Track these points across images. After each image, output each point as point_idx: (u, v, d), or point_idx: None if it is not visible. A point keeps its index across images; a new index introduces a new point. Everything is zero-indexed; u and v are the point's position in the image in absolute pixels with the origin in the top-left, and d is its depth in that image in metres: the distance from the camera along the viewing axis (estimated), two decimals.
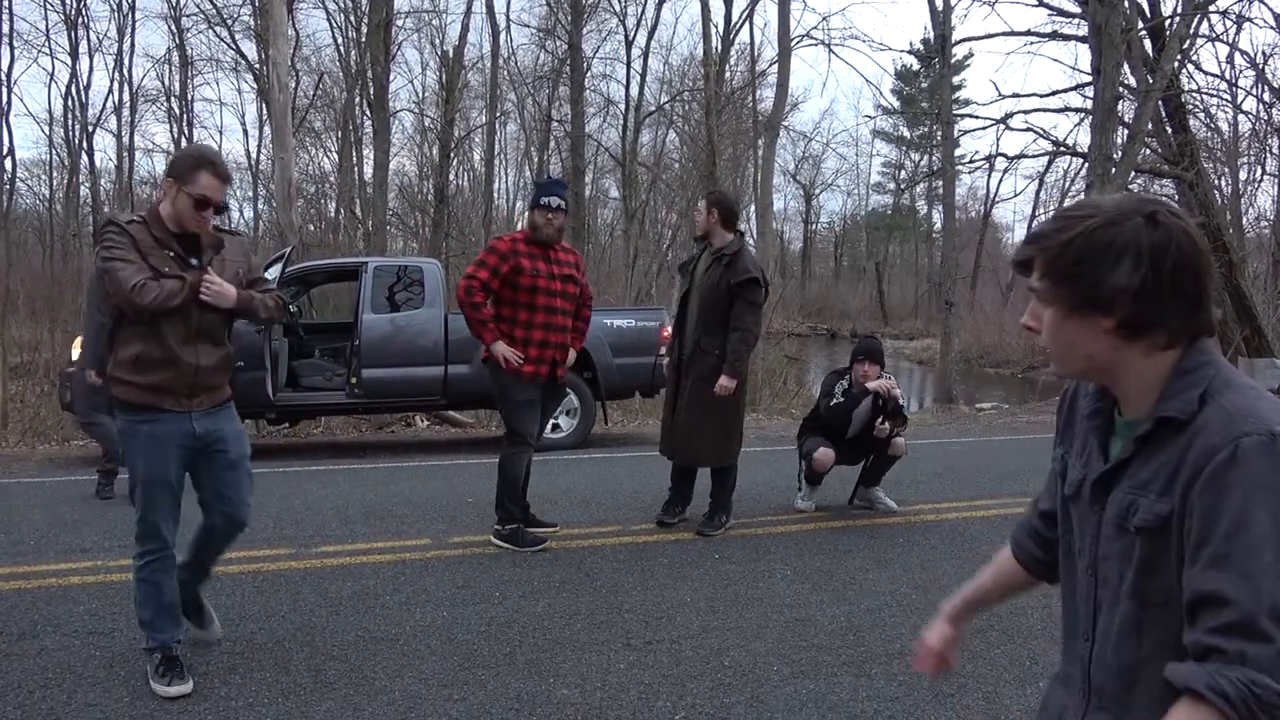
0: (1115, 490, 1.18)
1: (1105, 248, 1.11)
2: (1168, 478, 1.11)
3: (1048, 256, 1.15)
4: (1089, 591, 1.24)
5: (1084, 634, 1.25)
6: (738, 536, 5.17)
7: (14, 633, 3.71)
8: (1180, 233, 1.11)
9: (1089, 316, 1.13)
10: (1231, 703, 0.97)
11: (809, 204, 47.31)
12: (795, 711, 3.07)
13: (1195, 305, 1.12)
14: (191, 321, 3.03)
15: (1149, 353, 1.14)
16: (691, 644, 3.63)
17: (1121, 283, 1.10)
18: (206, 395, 3.12)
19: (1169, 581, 1.11)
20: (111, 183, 25.99)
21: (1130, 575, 1.15)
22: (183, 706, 3.08)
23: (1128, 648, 1.17)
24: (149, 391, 3.00)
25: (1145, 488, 1.13)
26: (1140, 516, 1.13)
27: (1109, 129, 13.84)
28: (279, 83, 11.83)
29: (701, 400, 5.03)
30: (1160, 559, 1.12)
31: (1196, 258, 1.11)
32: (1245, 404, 1.08)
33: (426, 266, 8.86)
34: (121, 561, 4.66)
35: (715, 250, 5.09)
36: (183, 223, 2.98)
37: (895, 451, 5.47)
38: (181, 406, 3.06)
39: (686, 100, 26.48)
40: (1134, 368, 1.15)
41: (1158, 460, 1.13)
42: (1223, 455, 1.05)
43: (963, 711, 3.09)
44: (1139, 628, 1.16)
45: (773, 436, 9.26)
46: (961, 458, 7.85)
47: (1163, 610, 1.13)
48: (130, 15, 23.60)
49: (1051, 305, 1.17)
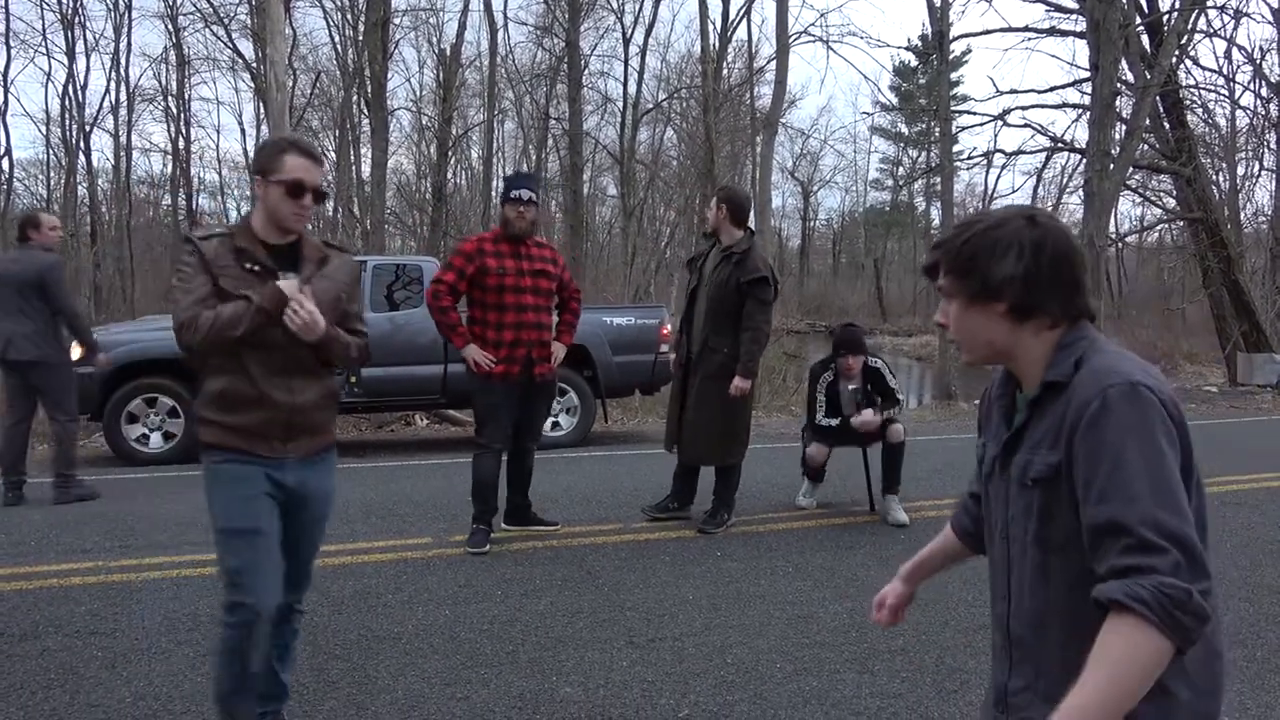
0: (1017, 454, 1.36)
1: (993, 244, 1.32)
2: (1054, 433, 1.28)
3: (949, 257, 1.36)
4: (1003, 553, 1.41)
5: (1001, 594, 1.42)
6: (739, 534, 5.18)
7: (15, 633, 3.71)
8: (1055, 230, 1.33)
9: (985, 304, 1.34)
10: (1149, 605, 1.12)
11: (807, 201, 47.25)
12: (798, 708, 3.07)
13: (1073, 290, 1.33)
14: (279, 350, 2.49)
15: (1037, 333, 1.34)
16: (694, 641, 3.63)
17: (1008, 271, 1.31)
18: (306, 439, 2.58)
19: (1065, 524, 1.27)
20: (109, 182, 25.94)
21: (1033, 525, 1.32)
22: (185, 708, 3.07)
23: (1037, 594, 1.34)
24: (236, 434, 2.50)
25: (1039, 445, 1.32)
26: (1035, 469, 1.31)
27: (1107, 125, 13.84)
28: (276, 82, 11.80)
29: (709, 399, 5.03)
30: (1054, 506, 1.29)
31: (1071, 251, 1.33)
32: (1110, 363, 1.27)
33: (426, 265, 8.85)
34: (122, 562, 4.66)
35: (725, 248, 5.09)
36: (280, 220, 2.49)
37: (894, 438, 5.38)
38: (275, 453, 2.53)
39: (684, 98, 26.46)
40: (1026, 347, 1.35)
41: (1046, 421, 1.31)
42: (1094, 405, 1.23)
43: (965, 707, 3.09)
44: (1044, 573, 1.32)
45: (772, 434, 9.26)
46: (962, 454, 7.84)
47: (1063, 553, 1.29)
48: (127, 14, 23.54)
49: (954, 299, 1.38)
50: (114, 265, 22.70)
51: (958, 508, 1.69)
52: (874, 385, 5.43)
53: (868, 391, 5.42)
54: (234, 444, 2.51)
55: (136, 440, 7.64)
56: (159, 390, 7.65)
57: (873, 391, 5.42)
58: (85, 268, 20.96)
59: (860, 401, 5.41)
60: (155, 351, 7.74)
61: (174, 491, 6.36)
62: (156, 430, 7.70)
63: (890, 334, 33.67)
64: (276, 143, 2.56)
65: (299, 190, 2.46)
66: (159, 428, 7.70)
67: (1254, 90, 18.73)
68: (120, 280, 22.26)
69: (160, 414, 7.69)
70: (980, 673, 3.34)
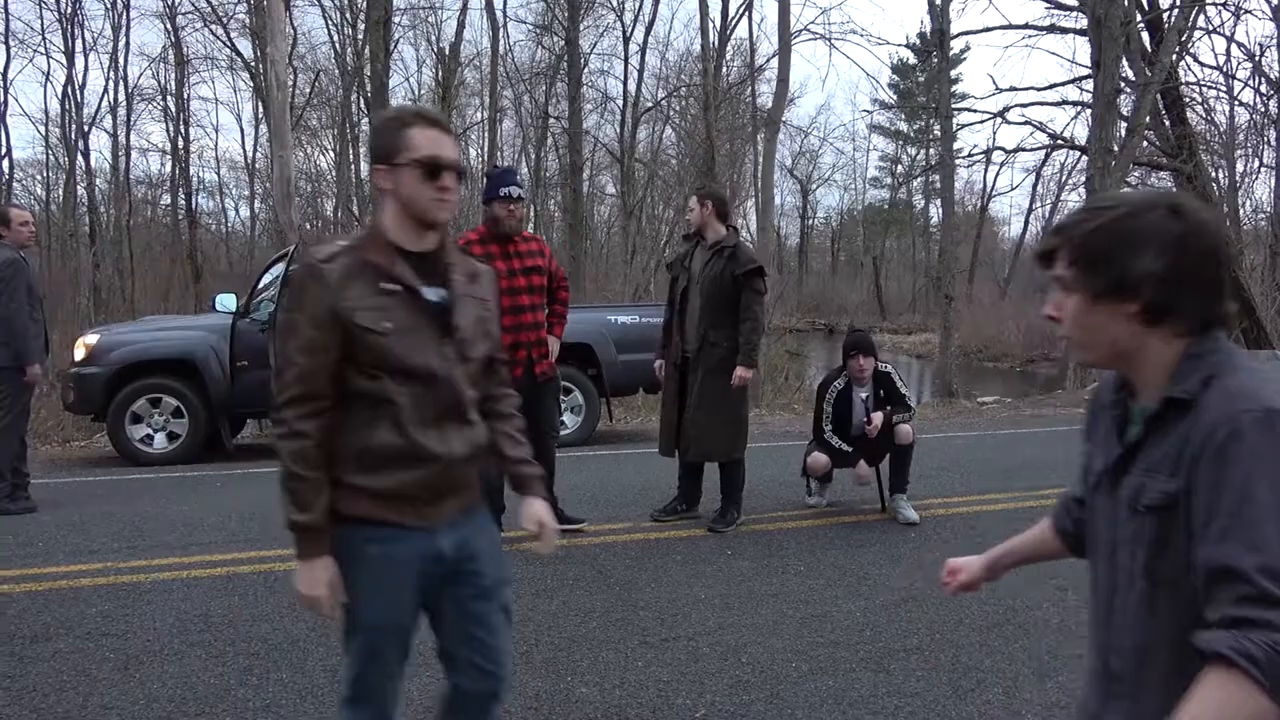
0: (1129, 474, 1.23)
1: (1131, 235, 1.18)
2: (1174, 457, 1.16)
3: (1074, 246, 1.22)
4: (1108, 578, 1.29)
5: (1101, 621, 1.31)
6: (749, 532, 5.17)
7: (27, 635, 3.69)
8: (1203, 223, 1.18)
9: (1113, 302, 1.20)
10: (1259, 665, 1.01)
11: (805, 199, 47.25)
12: (815, 708, 3.07)
13: (1213, 294, 1.19)
14: (439, 386, 1.95)
15: (1167, 340, 1.20)
16: (708, 641, 3.62)
17: (1146, 268, 1.17)
18: (457, 498, 2.05)
19: (1179, 559, 1.15)
20: (108, 182, 25.87)
21: (1142, 554, 1.20)
22: (200, 709, 3.06)
23: (1141, 628, 1.22)
24: (383, 502, 1.95)
25: (1155, 469, 1.19)
26: (1149, 496, 1.18)
27: (1109, 122, 13.85)
28: (277, 80, 11.77)
29: (713, 394, 5.03)
30: (1170, 537, 1.16)
31: (1218, 249, 1.19)
32: (1245, 384, 1.14)
33: None
34: (131, 563, 4.65)
35: (712, 244, 5.11)
36: (420, 211, 1.94)
37: (903, 439, 5.38)
38: (425, 519, 1.99)
39: (683, 96, 26.46)
40: (1152, 354, 1.21)
41: (1166, 441, 1.18)
42: (1223, 432, 1.10)
43: (983, 706, 3.08)
44: (1152, 607, 1.20)
45: (777, 432, 9.25)
46: (967, 452, 7.85)
47: (1174, 588, 1.17)
48: (125, 14, 23.47)
49: (1076, 293, 1.23)
50: (113, 265, 22.64)
51: (1059, 505, 1.57)
52: (885, 391, 5.41)
53: (879, 397, 5.40)
54: (382, 515, 1.95)
55: (141, 441, 7.62)
56: (163, 390, 7.63)
57: (884, 397, 5.40)
58: (84, 268, 20.89)
59: (871, 408, 5.40)
60: (158, 352, 7.73)
61: (179, 492, 6.35)
62: (160, 430, 7.68)
63: (889, 332, 33.61)
64: (397, 116, 2.00)
65: (436, 169, 1.92)
66: (163, 428, 7.68)
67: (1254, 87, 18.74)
68: (120, 280, 22.20)
69: (164, 414, 7.67)
70: (996, 671, 3.34)
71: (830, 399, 5.43)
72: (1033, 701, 3.12)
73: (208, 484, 6.66)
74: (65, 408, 8.13)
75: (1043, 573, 4.35)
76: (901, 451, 5.43)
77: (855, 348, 5.35)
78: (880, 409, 5.36)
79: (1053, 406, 11.70)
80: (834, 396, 5.43)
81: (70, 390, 7.68)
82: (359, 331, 1.87)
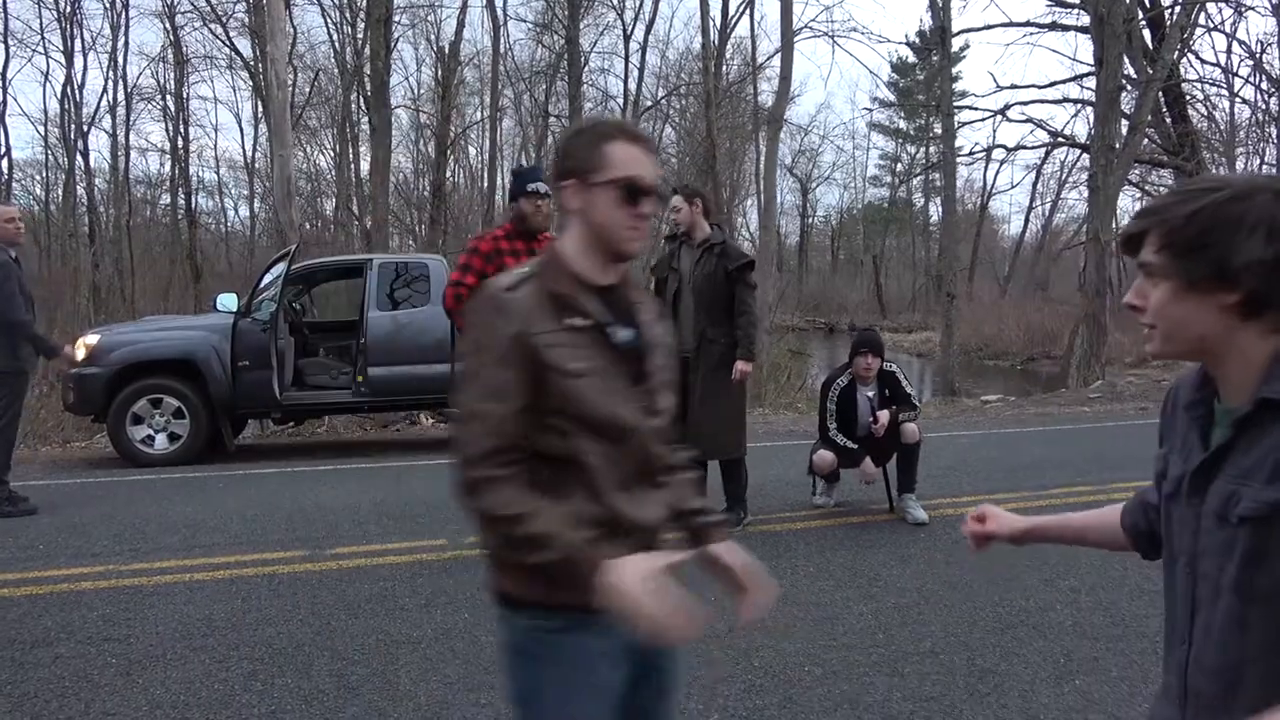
0: (1216, 481, 1.14)
1: (1238, 219, 1.08)
2: (1275, 463, 1.06)
3: (1168, 229, 1.12)
4: (1187, 591, 1.19)
5: (1181, 638, 1.20)
6: (757, 533, 5.12)
7: (27, 640, 3.64)
8: None
9: (1210, 292, 1.10)
10: None
11: (805, 197, 47.20)
12: (830, 713, 3.02)
13: None
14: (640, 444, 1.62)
15: (1263, 335, 1.10)
16: (719, 644, 3.57)
17: (1254, 255, 1.07)
18: None
19: (1276, 574, 1.07)
20: (107, 182, 25.83)
21: (1232, 568, 1.10)
22: (203, 716, 3.01)
23: (1229, 646, 1.12)
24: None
25: (1249, 476, 1.09)
26: (1245, 505, 1.08)
27: (1111, 119, 13.81)
28: (277, 80, 11.73)
29: (717, 391, 5.00)
30: (1267, 549, 1.07)
31: None
32: None
33: (431, 263, 8.79)
34: (133, 566, 4.60)
35: (701, 242, 5.12)
36: (613, 240, 1.61)
37: (909, 438, 5.33)
38: None
39: (684, 95, 26.42)
40: (1244, 349, 1.12)
41: (1261, 447, 1.09)
42: None
43: (1000, 710, 3.03)
44: (1242, 625, 1.11)
45: (780, 431, 9.21)
46: (972, 451, 7.80)
47: (1269, 605, 1.08)
48: (124, 13, 23.42)
49: (1167, 280, 1.14)
50: (113, 265, 22.61)
51: (1134, 502, 1.46)
52: (890, 390, 5.37)
53: (884, 396, 5.36)
54: (570, 600, 1.51)
55: (142, 441, 7.56)
56: (164, 391, 7.58)
57: (889, 396, 5.36)
58: (84, 268, 20.85)
59: (876, 407, 5.35)
60: (159, 352, 7.68)
61: (181, 493, 6.30)
62: (161, 431, 7.63)
63: (890, 330, 33.56)
64: (595, 128, 1.67)
65: (635, 193, 1.59)
66: (164, 429, 7.63)
67: (1255, 84, 18.73)
68: (119, 280, 22.15)
69: (165, 415, 7.61)
70: (1012, 674, 3.29)
71: (834, 397, 5.39)
72: (1050, 706, 3.07)
73: (209, 485, 6.60)
74: (65, 408, 8.08)
75: (1056, 573, 4.32)
76: (908, 450, 5.39)
77: (864, 345, 5.31)
78: (885, 408, 5.31)
79: (1056, 405, 11.65)
80: (837, 395, 5.39)
81: (70, 391, 7.63)
82: (547, 372, 1.52)
